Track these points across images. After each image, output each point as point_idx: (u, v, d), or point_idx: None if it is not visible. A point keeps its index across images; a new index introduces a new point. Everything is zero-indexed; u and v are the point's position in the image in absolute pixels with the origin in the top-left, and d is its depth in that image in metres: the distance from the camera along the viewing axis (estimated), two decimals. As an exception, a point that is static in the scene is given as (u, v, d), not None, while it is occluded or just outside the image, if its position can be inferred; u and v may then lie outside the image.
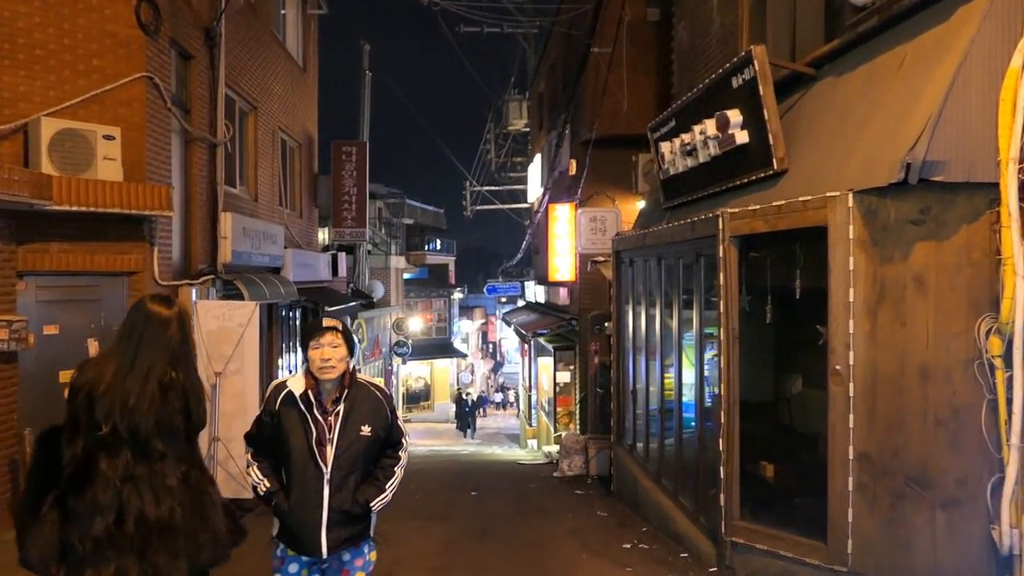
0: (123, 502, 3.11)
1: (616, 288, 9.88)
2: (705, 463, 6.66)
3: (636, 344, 9.23)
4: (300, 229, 16.78)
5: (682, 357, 7.39)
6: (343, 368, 3.80)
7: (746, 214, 5.93)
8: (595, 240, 13.16)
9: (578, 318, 16.18)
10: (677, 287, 7.45)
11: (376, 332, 26.95)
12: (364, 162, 18.77)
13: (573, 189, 16.58)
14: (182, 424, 3.33)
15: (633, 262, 9.16)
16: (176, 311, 3.43)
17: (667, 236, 7.60)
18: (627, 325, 9.45)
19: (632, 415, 9.33)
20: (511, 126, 25.78)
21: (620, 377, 9.84)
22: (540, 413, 19.69)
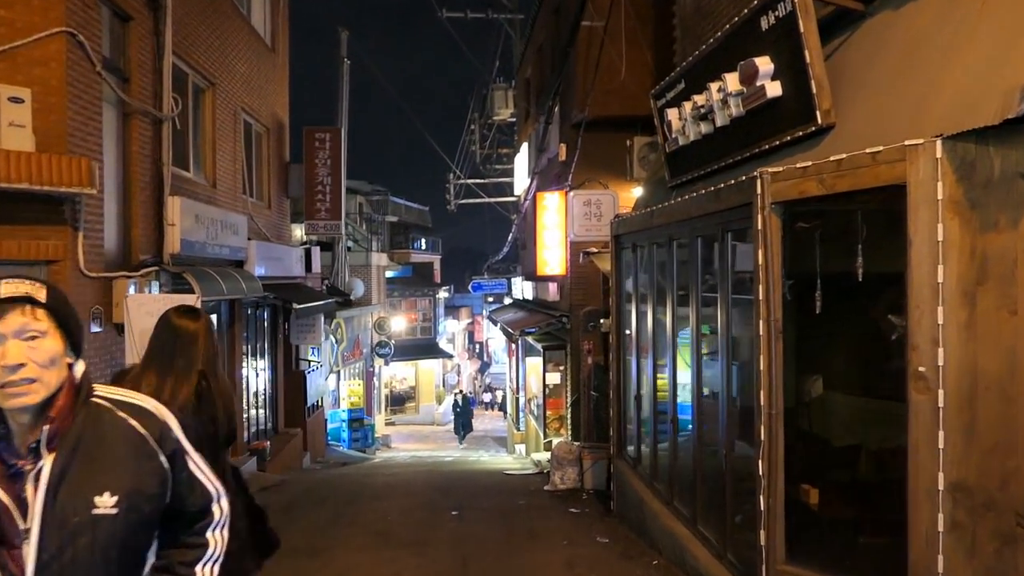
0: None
1: (615, 279, 8.58)
2: (735, 488, 5.36)
3: (640, 343, 7.93)
4: (268, 221, 15.41)
5: (700, 357, 6.09)
6: (54, 382, 1.93)
7: (793, 173, 4.63)
8: (589, 227, 11.86)
9: (569, 315, 14.88)
10: (694, 273, 6.15)
11: (357, 332, 25.57)
12: (339, 150, 17.42)
13: (563, 176, 15.28)
14: (214, 434, 3.28)
15: (636, 248, 7.85)
16: (203, 323, 3.45)
17: (682, 211, 6.30)
18: (629, 321, 8.15)
19: (636, 425, 8.03)
20: (496, 116, 24.45)
21: (620, 380, 8.54)
22: (528, 417, 18.38)
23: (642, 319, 7.86)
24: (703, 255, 6.06)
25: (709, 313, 6.01)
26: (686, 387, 6.53)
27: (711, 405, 5.92)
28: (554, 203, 14.98)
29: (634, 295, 7.95)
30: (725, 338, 5.45)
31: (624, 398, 8.54)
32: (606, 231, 11.57)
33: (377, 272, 27.73)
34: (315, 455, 18.05)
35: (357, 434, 21.37)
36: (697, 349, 6.05)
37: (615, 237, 8.53)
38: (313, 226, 17.33)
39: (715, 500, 5.78)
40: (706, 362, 6.09)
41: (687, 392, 6.43)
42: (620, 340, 8.52)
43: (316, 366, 19.02)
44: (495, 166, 25.93)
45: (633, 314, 7.99)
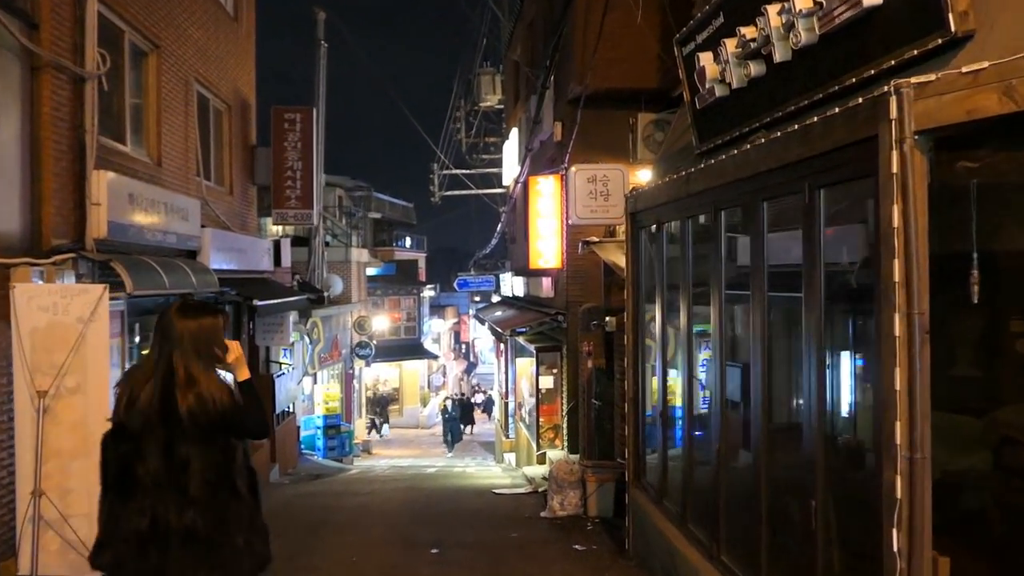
0: (154, 507, 3.10)
1: (631, 268, 6.89)
2: (833, 558, 3.67)
3: (668, 346, 6.24)
4: (229, 208, 13.64)
5: (766, 369, 4.40)
6: None
7: (955, 83, 2.95)
8: (594, 208, 10.16)
9: (565, 313, 13.19)
10: (758, 251, 4.45)
11: (335, 332, 23.79)
12: (311, 132, 15.66)
13: (558, 159, 13.59)
14: (207, 428, 3.16)
15: (662, 226, 6.16)
16: (209, 319, 3.40)
17: (738, 167, 4.60)
18: (654, 320, 6.45)
19: (661, 449, 6.32)
20: (483, 102, 22.74)
21: (638, 393, 6.86)
22: (519, 424, 16.69)
23: (671, 317, 6.18)
24: (768, 224, 4.37)
25: (788, 303, 4.33)
26: (743, 408, 4.85)
27: (788, 437, 4.24)
28: (548, 188, 13.30)
29: (659, 287, 6.26)
30: (816, 341, 3.76)
31: (641, 414, 6.84)
32: (614, 212, 9.93)
33: (357, 269, 25.95)
34: (285, 467, 16.28)
35: (333, 442, 19.60)
36: (763, 357, 4.36)
37: (632, 215, 6.85)
38: (282, 215, 15.56)
39: (796, 568, 4.09)
40: (778, 374, 4.41)
41: (747, 415, 4.74)
42: (638, 343, 6.83)
43: (288, 369, 17.26)
44: (482, 156, 24.21)
45: (658, 311, 6.29)
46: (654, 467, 6.59)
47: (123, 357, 9.18)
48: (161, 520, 3.09)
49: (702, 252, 5.49)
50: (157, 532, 3.08)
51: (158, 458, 3.13)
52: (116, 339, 9.11)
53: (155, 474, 3.12)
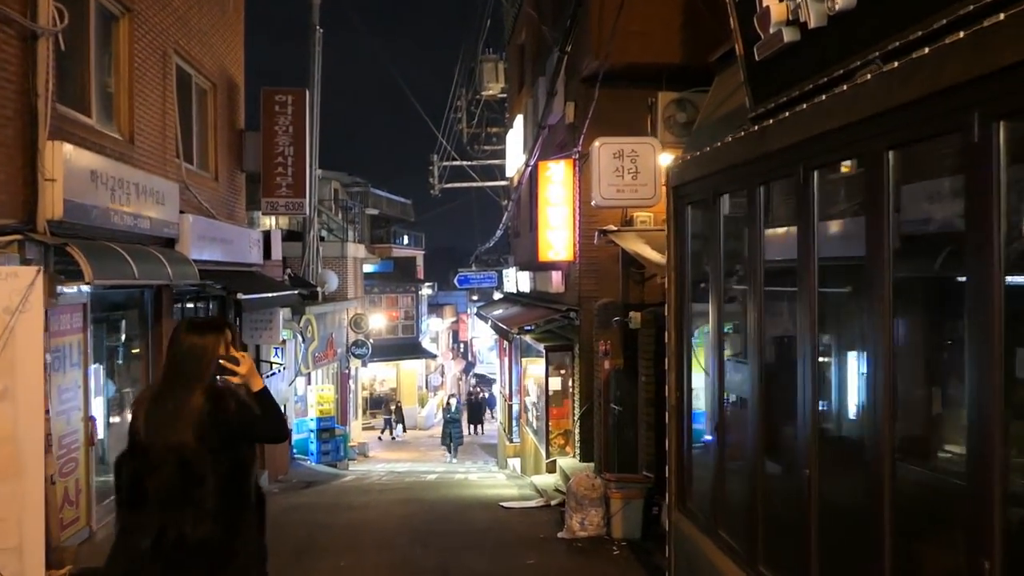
0: (166, 522, 3.12)
1: (675, 253, 5.75)
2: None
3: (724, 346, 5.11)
4: (215, 195, 12.51)
5: (890, 376, 3.25)
6: None
7: None
8: (621, 187, 9.00)
9: (578, 309, 12.07)
10: (876, 221, 3.30)
11: (330, 330, 22.64)
12: (303, 116, 14.52)
13: (569, 143, 12.48)
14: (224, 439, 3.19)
15: (717, 199, 5.02)
16: (213, 337, 3.37)
17: (852, 107, 3.45)
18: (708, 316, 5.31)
19: (717, 469, 5.17)
20: (485, 91, 21.59)
21: (683, 401, 5.72)
22: (525, 429, 15.56)
23: (730, 309, 5.05)
24: (895, 181, 3.24)
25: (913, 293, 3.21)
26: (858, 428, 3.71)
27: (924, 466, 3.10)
28: (559, 173, 12.18)
29: (714, 272, 5.12)
30: (987, 341, 2.63)
31: (688, 425, 5.71)
32: (643, 192, 8.82)
33: (354, 264, 24.80)
34: (275, 473, 15.14)
35: (327, 446, 18.44)
36: (885, 362, 3.23)
37: (675, 189, 5.71)
38: (272, 204, 14.42)
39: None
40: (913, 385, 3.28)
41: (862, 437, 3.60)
42: (683, 341, 5.70)
43: (279, 369, 16.13)
44: (483, 147, 23.06)
45: (712, 302, 5.16)
46: (704, 489, 5.47)
47: (85, 357, 8.05)
48: (174, 532, 3.11)
49: (780, 226, 4.37)
50: (171, 544, 3.11)
51: (176, 472, 3.15)
52: (77, 335, 7.98)
53: (170, 487, 3.14)
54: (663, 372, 8.29)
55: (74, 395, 7.89)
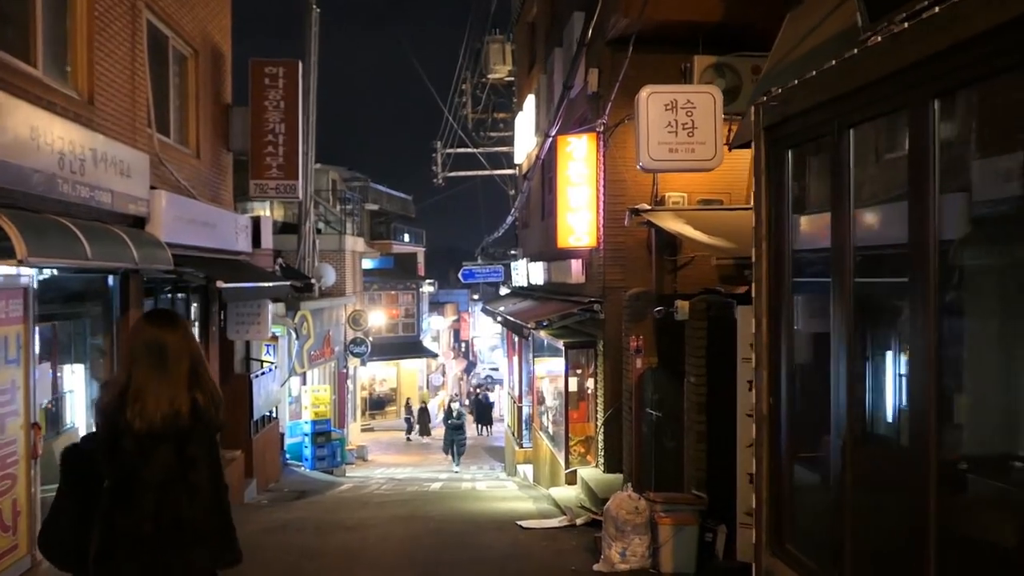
0: (161, 505, 3.18)
1: (770, 214, 4.34)
2: None
3: (847, 335, 3.69)
4: (196, 174, 11.11)
5: None
6: None
7: None
8: (675, 146, 7.55)
9: (602, 301, 10.67)
10: None
11: (327, 327, 21.22)
12: (296, 90, 13.10)
13: (591, 115, 11.08)
14: (211, 428, 3.34)
15: (844, 135, 3.61)
16: (182, 327, 3.44)
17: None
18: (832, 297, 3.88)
19: (838, 505, 3.74)
20: (492, 74, 20.19)
21: (778, 412, 4.31)
22: (539, 435, 14.13)
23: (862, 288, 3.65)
24: None
25: None
26: None
27: None
28: (581, 149, 10.78)
29: (839, 239, 3.71)
30: None
31: (783, 441, 4.29)
32: (702, 152, 7.43)
33: (352, 258, 23.37)
34: (265, 482, 13.74)
35: (323, 451, 17.01)
36: None
37: (769, 130, 4.30)
38: (262, 187, 12.98)
39: None
40: None
41: None
42: (779, 331, 4.29)
43: (270, 368, 14.71)
44: (489, 133, 21.64)
45: (837, 279, 3.75)
46: (816, 528, 4.05)
47: (27, 353, 6.64)
48: (169, 515, 3.16)
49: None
50: (167, 528, 3.16)
51: (171, 458, 3.21)
52: (15, 327, 6.56)
53: (167, 473, 3.19)
54: (716, 371, 6.90)
55: (10, 397, 6.48)
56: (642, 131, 7.46)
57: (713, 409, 6.98)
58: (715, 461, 6.97)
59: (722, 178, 10.57)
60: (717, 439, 6.94)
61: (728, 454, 6.72)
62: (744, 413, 6.09)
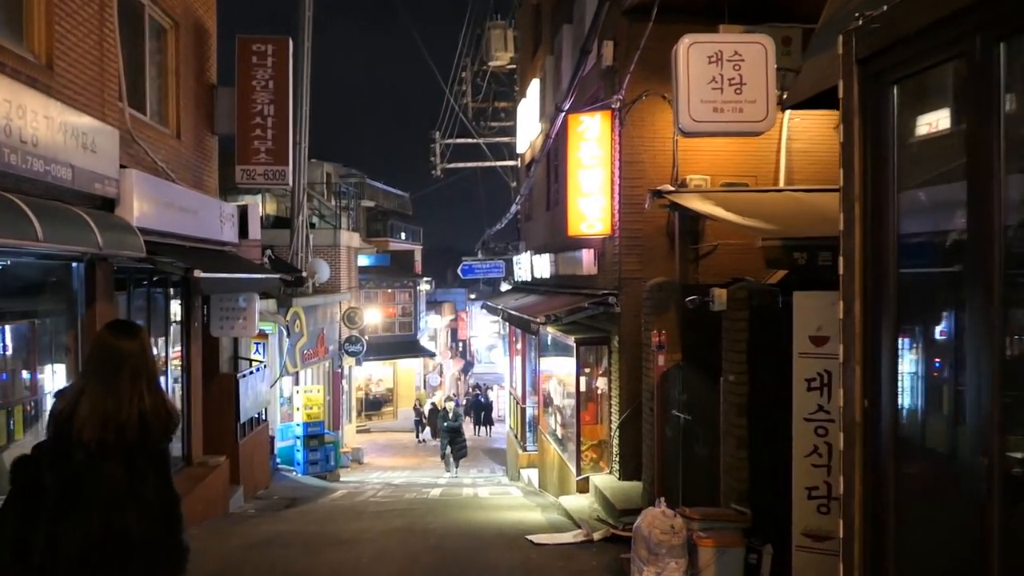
0: (110, 518, 3.14)
1: (864, 166, 3.42)
2: None
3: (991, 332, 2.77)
4: (176, 156, 10.19)
5: None
6: None
7: None
8: (720, 105, 6.58)
9: (618, 293, 9.76)
10: None
11: (321, 325, 20.27)
12: (286, 69, 12.19)
13: (604, 92, 10.18)
14: (159, 441, 3.32)
15: (994, 49, 2.68)
16: (139, 338, 3.41)
17: None
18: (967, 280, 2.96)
19: (982, 544, 2.82)
20: (493, 61, 19.28)
21: (877, 418, 3.38)
22: (546, 439, 13.20)
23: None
24: None
25: None
26: None
27: None
28: (595, 128, 9.88)
29: (978, 194, 2.79)
30: None
31: (883, 449, 3.37)
32: (752, 112, 6.53)
33: (347, 254, 22.42)
34: (253, 488, 12.80)
35: (316, 455, 16.04)
36: None
37: (864, 63, 3.38)
38: (249, 172, 12.04)
39: None
40: None
41: None
42: (880, 317, 3.38)
43: (260, 367, 13.77)
44: (490, 123, 20.72)
45: (977, 249, 2.82)
46: (937, 556, 3.14)
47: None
48: (115, 530, 3.11)
49: None
50: (111, 540, 3.11)
51: (120, 468, 3.17)
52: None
53: (114, 486, 3.15)
54: (760, 368, 5.99)
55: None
56: (682, 88, 6.53)
57: (756, 411, 6.07)
58: (759, 471, 6.07)
59: (747, 160, 9.76)
60: (761, 446, 6.04)
61: (776, 463, 5.80)
62: (801, 417, 5.18)
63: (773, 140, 9.79)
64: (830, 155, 9.86)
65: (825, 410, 5.09)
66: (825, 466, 5.12)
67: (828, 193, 8.47)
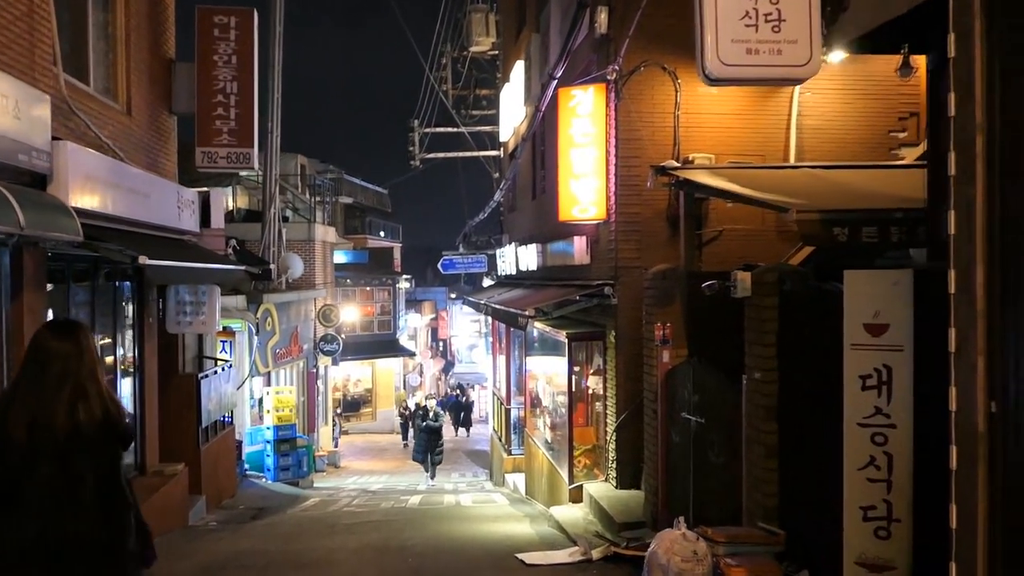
0: (46, 520, 3.08)
1: (988, 94, 2.49)
2: None
3: None
4: (124, 132, 9.15)
5: None
6: None
7: None
8: (755, 45, 5.39)
9: (614, 283, 8.84)
10: None
11: (295, 323, 19.22)
12: (251, 43, 11.16)
13: (597, 66, 9.27)
14: (101, 440, 3.19)
15: None
16: (75, 337, 3.29)
17: None
18: None
19: None
20: (474, 46, 18.30)
21: (1005, 425, 2.45)
22: (533, 442, 12.24)
23: None
24: None
25: None
26: None
27: None
28: (588, 103, 8.97)
29: None
30: None
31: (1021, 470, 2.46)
32: (793, 54, 5.53)
33: (323, 249, 21.37)
34: (217, 498, 11.76)
35: (287, 460, 14.99)
36: None
37: None
38: (210, 155, 10.99)
39: None
40: None
41: None
42: (1019, 294, 2.45)
43: (226, 367, 12.74)
44: (471, 111, 19.74)
45: None
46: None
47: None
48: (56, 531, 3.05)
49: None
50: (49, 543, 3.05)
51: (55, 470, 3.09)
52: None
53: (51, 486, 3.07)
54: (794, 364, 5.09)
55: None
56: (707, 25, 5.57)
57: (788, 414, 5.16)
58: (791, 484, 5.16)
59: (753, 138, 8.94)
60: (793, 455, 5.13)
61: (812, 475, 4.92)
62: (854, 422, 4.27)
63: (782, 117, 8.97)
64: (844, 132, 9.03)
65: (884, 413, 4.20)
66: (884, 481, 4.22)
67: (851, 170, 7.61)
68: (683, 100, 8.73)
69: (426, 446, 17.15)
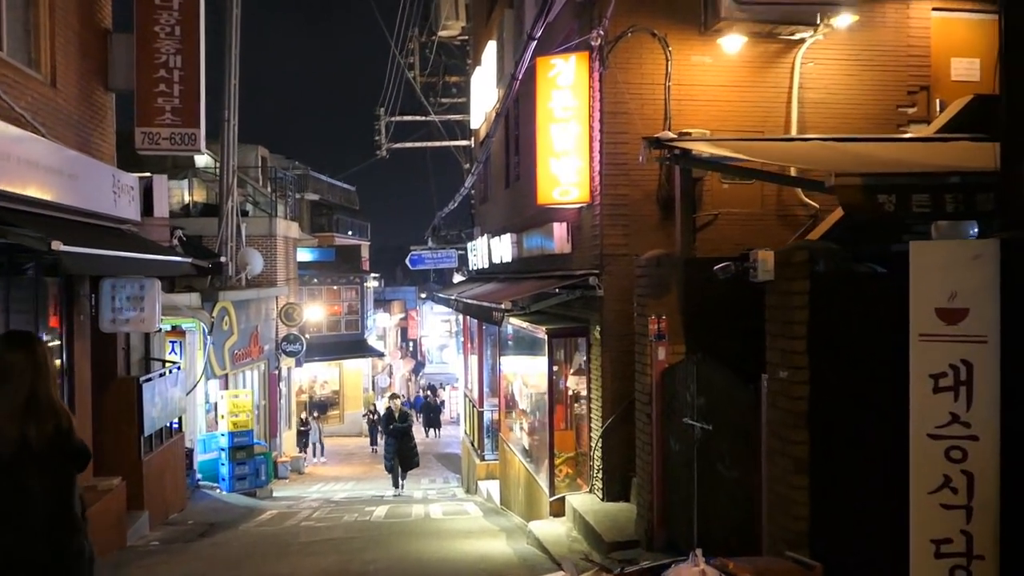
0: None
1: None
2: None
3: None
4: (48, 106, 8.06)
5: None
6: None
7: None
8: None
9: (600, 273, 7.92)
10: None
11: (255, 322, 18.08)
12: (196, 13, 10.04)
13: (578, 34, 8.35)
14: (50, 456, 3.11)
15: None
16: (29, 348, 3.24)
17: None
18: None
19: None
20: (444, 31, 17.31)
21: None
22: (509, 448, 11.28)
23: None
24: None
25: None
26: None
27: None
28: (569, 74, 8.05)
29: None
30: None
31: None
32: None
33: (285, 245, 20.25)
34: (164, 513, 10.68)
35: (243, 468, 13.88)
36: None
37: None
38: (151, 136, 9.87)
39: None
40: None
41: None
42: None
43: (173, 370, 11.65)
44: (440, 99, 18.74)
45: None
46: None
47: None
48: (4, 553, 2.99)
49: None
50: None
51: (8, 488, 3.03)
52: None
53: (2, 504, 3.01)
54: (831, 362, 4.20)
55: None
56: None
57: (822, 421, 4.26)
58: (827, 505, 4.26)
59: (752, 112, 8.12)
60: (831, 470, 4.23)
61: (861, 496, 4.02)
62: (924, 433, 3.38)
63: (782, 89, 8.14)
64: (850, 106, 8.19)
65: (963, 422, 3.31)
66: (963, 507, 3.33)
67: (870, 143, 6.76)
68: (675, 71, 7.86)
69: (395, 451, 15.64)
